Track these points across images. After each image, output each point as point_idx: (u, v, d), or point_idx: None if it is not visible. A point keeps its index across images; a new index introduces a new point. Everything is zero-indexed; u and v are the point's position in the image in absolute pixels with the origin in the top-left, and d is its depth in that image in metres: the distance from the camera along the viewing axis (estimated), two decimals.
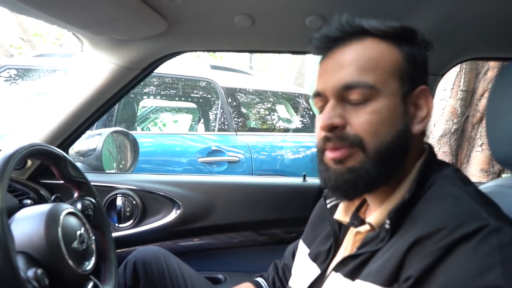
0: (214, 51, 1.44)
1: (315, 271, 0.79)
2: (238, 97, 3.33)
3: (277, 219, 1.39)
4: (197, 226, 1.38)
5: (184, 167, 2.82)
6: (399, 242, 0.60)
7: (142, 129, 3.94)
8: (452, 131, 3.24)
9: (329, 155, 0.67)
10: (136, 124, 3.53)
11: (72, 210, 0.96)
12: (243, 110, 3.35)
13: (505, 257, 0.51)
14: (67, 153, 1.35)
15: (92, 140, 1.53)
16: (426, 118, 0.68)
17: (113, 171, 1.74)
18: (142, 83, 3.13)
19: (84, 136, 1.56)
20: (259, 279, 1.03)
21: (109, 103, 1.26)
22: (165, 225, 1.37)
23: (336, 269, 0.71)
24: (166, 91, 3.40)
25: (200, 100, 3.46)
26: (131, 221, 1.36)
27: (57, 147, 1.27)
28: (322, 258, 0.79)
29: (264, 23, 1.05)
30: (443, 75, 1.20)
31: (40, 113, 1.26)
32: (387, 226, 0.63)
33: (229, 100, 3.17)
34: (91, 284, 0.97)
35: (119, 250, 1.37)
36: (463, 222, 0.55)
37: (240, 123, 3.24)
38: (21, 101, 2.91)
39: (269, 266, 1.06)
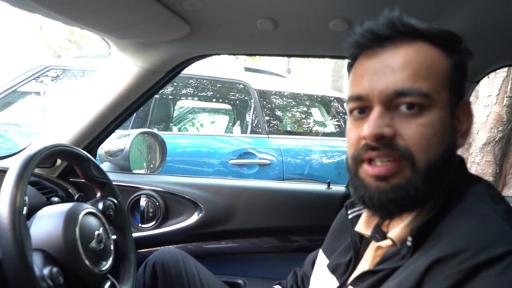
0: (237, 54, 1.44)
1: (334, 283, 0.76)
2: (271, 99, 3.32)
3: (299, 226, 1.36)
4: (218, 230, 1.38)
5: (216, 168, 2.84)
6: (419, 260, 0.56)
7: (179, 130, 4.01)
8: (496, 139, 3.07)
9: (370, 170, 0.61)
10: (172, 124, 3.59)
11: (91, 210, 0.98)
12: (276, 112, 3.34)
13: None
14: (95, 153, 1.39)
15: (121, 140, 1.57)
16: (467, 132, 0.64)
17: (142, 171, 1.77)
18: (178, 84, 3.24)
19: (114, 136, 1.60)
20: (277, 287, 1.01)
21: (135, 105, 1.29)
22: (187, 227, 1.37)
23: (353, 283, 0.68)
24: (201, 93, 3.45)
25: (235, 102, 3.48)
26: (154, 222, 1.38)
27: (85, 147, 1.31)
28: (341, 270, 0.76)
29: (287, 26, 1.03)
30: (478, 82, 1.13)
31: (70, 113, 1.30)
32: (409, 243, 0.60)
33: (262, 102, 3.16)
34: (108, 283, 0.99)
35: (142, 250, 1.40)
36: (489, 244, 0.51)
37: (272, 126, 3.23)
38: (63, 101, 3.04)
39: (289, 273, 1.04)
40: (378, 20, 0.63)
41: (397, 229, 0.65)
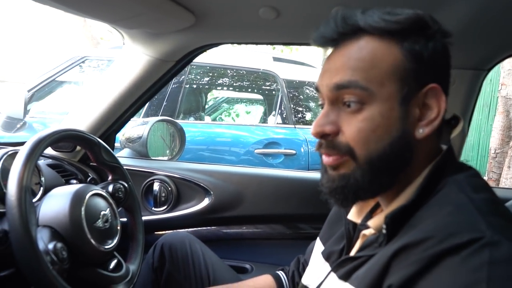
0: (242, 43, 1.46)
1: (327, 270, 0.77)
2: (299, 90, 3.31)
3: (306, 214, 1.37)
4: (227, 215, 1.42)
5: (241, 158, 2.88)
6: (389, 247, 0.57)
7: (214, 119, 4.08)
8: None
9: (324, 159, 0.66)
10: (203, 114, 3.66)
11: (98, 191, 1.04)
12: (304, 103, 3.32)
13: (493, 275, 0.46)
14: (113, 139, 1.46)
15: (140, 128, 1.63)
16: (435, 120, 0.62)
17: (164, 158, 1.84)
18: (207, 74, 3.29)
19: (134, 123, 1.67)
20: (280, 272, 1.04)
21: (148, 94, 1.34)
22: (197, 212, 1.42)
23: (335, 269, 0.70)
24: (231, 83, 3.49)
25: (264, 92, 3.49)
26: (166, 206, 1.43)
27: (103, 133, 1.38)
28: (334, 258, 0.77)
29: (289, 15, 1.03)
30: (489, 70, 1.08)
31: (89, 102, 1.37)
32: (384, 231, 0.60)
33: (290, 92, 3.16)
34: (115, 261, 1.05)
35: (155, 233, 1.46)
36: (455, 232, 0.51)
37: (300, 116, 3.22)
38: (87, 90, 3.18)
39: None
40: (329, 22, 0.64)
41: (376, 218, 0.66)
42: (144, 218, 1.28)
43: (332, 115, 0.63)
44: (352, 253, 0.73)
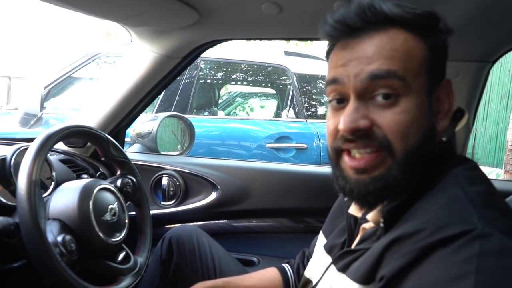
0: (246, 39, 1.46)
1: (328, 263, 0.78)
2: (311, 83, 3.30)
3: (313, 208, 1.38)
4: (234, 209, 1.44)
5: (252, 152, 2.90)
6: (385, 238, 0.58)
7: (228, 114, 4.10)
8: None
9: (349, 162, 0.62)
10: (217, 108, 3.68)
11: (106, 186, 1.06)
12: (315, 97, 3.31)
13: (482, 267, 0.47)
14: (123, 135, 1.49)
15: (150, 123, 1.66)
16: (448, 113, 0.63)
17: (175, 153, 1.87)
18: (219, 69, 3.31)
19: (146, 119, 1.71)
20: (285, 265, 1.06)
21: (156, 90, 1.36)
22: (204, 206, 1.44)
23: (335, 262, 0.71)
24: (243, 77, 3.50)
25: (278, 86, 3.50)
26: (174, 200, 1.46)
27: (113, 129, 1.41)
28: (335, 251, 0.78)
29: (291, 10, 1.04)
30: (494, 62, 1.07)
31: (99, 98, 1.40)
32: (381, 224, 0.61)
33: (301, 86, 3.15)
34: (123, 253, 1.08)
35: (166, 226, 1.49)
36: (447, 224, 0.51)
37: (311, 110, 3.22)
38: (99, 86, 3.23)
39: None
40: (349, 9, 0.60)
41: (374, 211, 0.66)
42: (153, 212, 1.31)
43: (362, 109, 0.60)
44: (353, 246, 0.74)
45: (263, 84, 3.63)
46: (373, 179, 0.60)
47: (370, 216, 0.66)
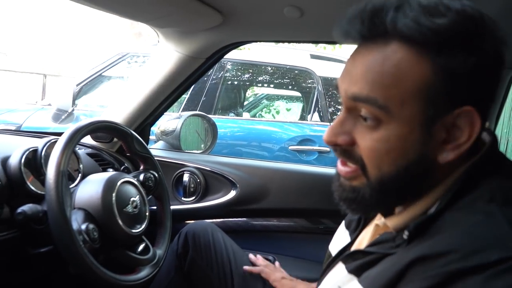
0: (268, 41, 1.49)
1: (346, 239, 0.76)
2: (336, 87, 3.28)
3: (330, 210, 1.38)
4: (251, 208, 1.46)
5: (275, 154, 2.92)
6: (407, 253, 0.52)
7: (254, 116, 4.13)
8: None
9: (338, 166, 0.62)
10: (242, 110, 3.72)
11: (129, 179, 1.11)
12: (340, 100, 3.29)
13: None
14: (148, 132, 1.54)
15: (174, 121, 1.71)
16: (464, 144, 0.53)
17: (198, 152, 1.91)
18: (245, 71, 3.35)
19: (169, 117, 1.76)
20: None
21: (180, 89, 1.41)
22: (223, 204, 1.48)
23: (344, 260, 0.67)
24: (269, 80, 3.53)
25: (300, 89, 3.51)
26: (194, 196, 1.50)
27: (138, 126, 1.47)
28: (353, 227, 0.76)
29: (313, 13, 1.06)
30: None
31: (126, 96, 1.46)
32: (405, 236, 0.55)
33: (326, 89, 3.15)
34: (143, 244, 1.12)
35: (186, 222, 1.53)
36: (482, 247, 0.46)
37: (336, 114, 3.21)
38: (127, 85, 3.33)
39: (318, 254, 1.07)
40: (355, 16, 0.54)
41: (395, 217, 0.61)
42: (174, 207, 1.35)
43: (348, 124, 0.58)
44: (366, 232, 0.71)
45: (289, 87, 3.64)
46: (350, 188, 0.60)
47: (390, 221, 0.61)
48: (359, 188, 0.59)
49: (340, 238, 0.79)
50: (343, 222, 0.83)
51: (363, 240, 0.71)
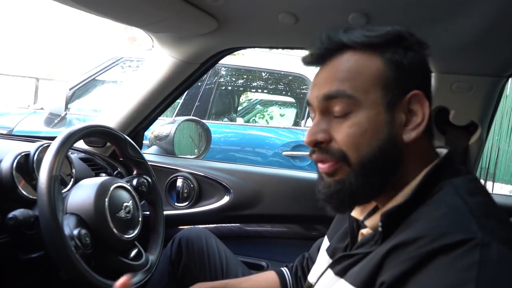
0: (263, 47, 1.50)
1: (324, 264, 0.79)
2: None
3: (323, 216, 1.38)
4: (245, 213, 1.46)
5: (269, 159, 2.92)
6: (383, 246, 0.60)
7: (248, 121, 4.14)
8: None
9: (320, 166, 0.69)
10: (235, 115, 3.72)
11: (122, 184, 1.10)
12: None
13: (482, 275, 0.48)
14: (142, 136, 1.54)
15: (168, 126, 1.71)
16: (420, 124, 0.66)
17: (192, 157, 1.91)
18: (239, 76, 3.36)
19: (163, 122, 1.75)
20: (283, 269, 1.08)
21: (175, 94, 1.41)
22: (217, 209, 1.47)
23: (332, 265, 0.73)
24: (262, 85, 3.54)
25: (294, 94, 3.52)
26: (188, 202, 1.50)
27: (132, 130, 1.46)
28: (338, 254, 0.78)
29: (307, 20, 1.07)
30: (509, 77, 1.06)
31: (120, 101, 1.46)
32: (379, 229, 0.63)
33: None
34: (135, 250, 1.11)
35: (179, 227, 1.52)
36: (447, 232, 0.53)
37: None
38: (120, 89, 3.32)
39: None
40: (315, 42, 0.71)
41: (372, 217, 0.70)
42: (167, 212, 1.35)
43: (323, 124, 0.68)
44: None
45: (283, 93, 3.66)
46: (335, 182, 0.67)
47: (368, 221, 0.70)
48: (343, 179, 0.66)
49: (322, 267, 0.82)
50: (323, 252, 0.86)
51: None
